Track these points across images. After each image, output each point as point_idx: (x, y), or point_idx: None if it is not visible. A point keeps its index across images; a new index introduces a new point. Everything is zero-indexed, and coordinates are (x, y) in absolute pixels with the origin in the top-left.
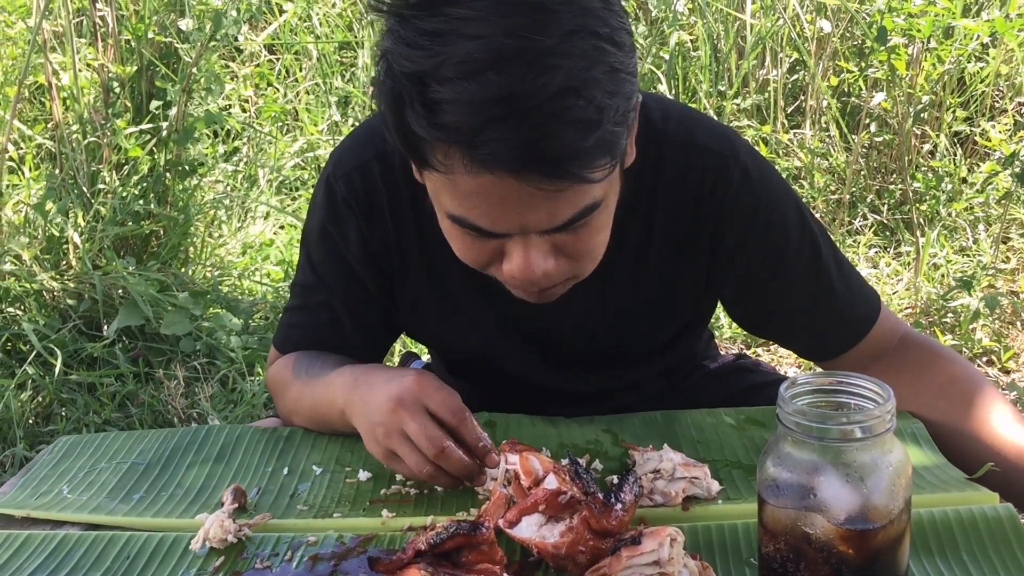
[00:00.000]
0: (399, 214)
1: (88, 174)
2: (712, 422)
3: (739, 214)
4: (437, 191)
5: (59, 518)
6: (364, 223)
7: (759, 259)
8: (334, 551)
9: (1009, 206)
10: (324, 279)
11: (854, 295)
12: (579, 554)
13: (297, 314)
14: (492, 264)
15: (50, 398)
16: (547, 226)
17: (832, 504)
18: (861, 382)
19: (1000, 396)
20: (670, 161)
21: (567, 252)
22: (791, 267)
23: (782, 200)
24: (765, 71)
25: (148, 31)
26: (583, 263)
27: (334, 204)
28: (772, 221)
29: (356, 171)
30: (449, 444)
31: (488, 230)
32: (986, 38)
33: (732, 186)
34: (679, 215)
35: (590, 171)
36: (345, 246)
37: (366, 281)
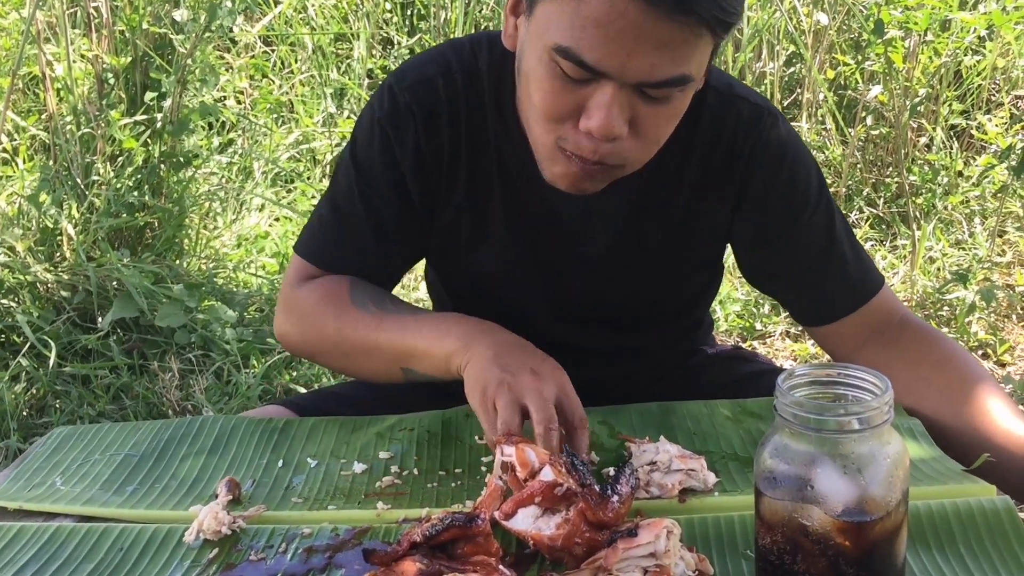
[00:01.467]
0: (458, 131)
1: (82, 165)
2: (708, 413)
3: (768, 161)
4: (549, 23)
5: (52, 510)
6: (423, 132)
7: (779, 209)
8: (329, 543)
9: (1005, 199)
10: (372, 183)
11: (861, 264)
12: (575, 546)
13: (334, 219)
14: (563, 123)
15: (44, 390)
16: (645, 77)
17: (829, 496)
18: (859, 373)
19: (996, 386)
20: (710, 103)
21: (639, 128)
22: (807, 224)
23: (807, 161)
24: (762, 64)
25: (143, 22)
26: (644, 150)
27: (395, 108)
28: (796, 175)
29: (421, 83)
30: (557, 428)
31: (592, 65)
32: (983, 31)
33: (764, 133)
34: (713, 154)
35: (713, 23)
36: (400, 149)
37: (411, 188)
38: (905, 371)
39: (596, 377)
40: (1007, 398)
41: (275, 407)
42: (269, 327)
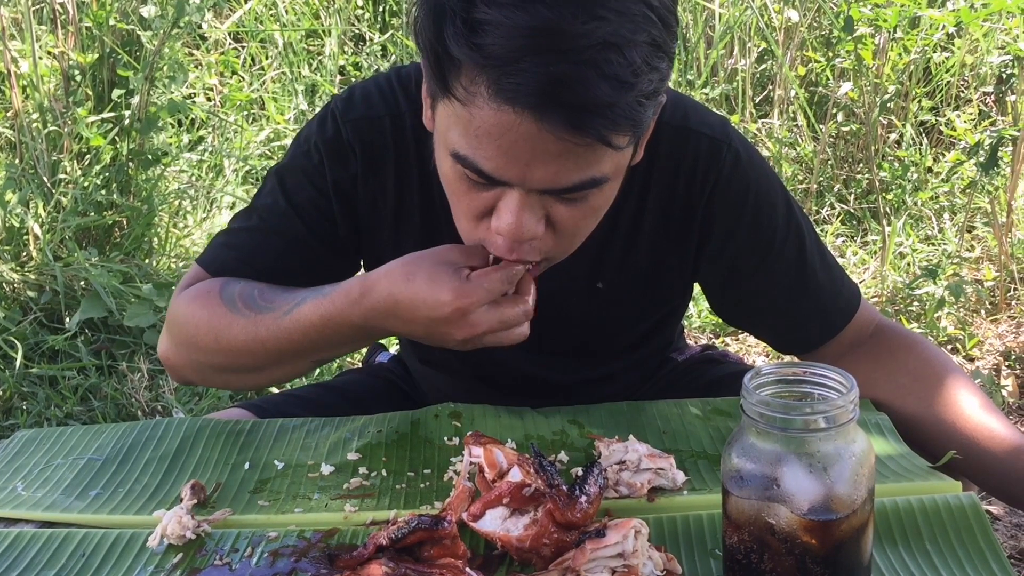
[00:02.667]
0: (405, 173)
1: (49, 164)
2: (678, 413)
3: (730, 199)
4: (448, 126)
5: (13, 516)
6: (362, 171)
7: (747, 247)
8: (295, 547)
9: (973, 195)
10: (297, 209)
11: (836, 287)
12: (543, 547)
13: (245, 235)
14: (482, 221)
15: (10, 392)
16: (549, 185)
17: (795, 494)
18: (824, 372)
19: (970, 382)
20: (665, 144)
21: (556, 225)
22: (777, 257)
23: (771, 189)
24: (733, 61)
25: (109, 18)
26: (564, 244)
27: (337, 139)
28: (761, 209)
29: (365, 121)
30: (508, 266)
31: (490, 175)
32: (951, 28)
33: (724, 170)
34: (672, 197)
35: (612, 133)
36: (335, 186)
37: (339, 223)
38: (885, 381)
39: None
40: (980, 393)
41: (238, 410)
42: None
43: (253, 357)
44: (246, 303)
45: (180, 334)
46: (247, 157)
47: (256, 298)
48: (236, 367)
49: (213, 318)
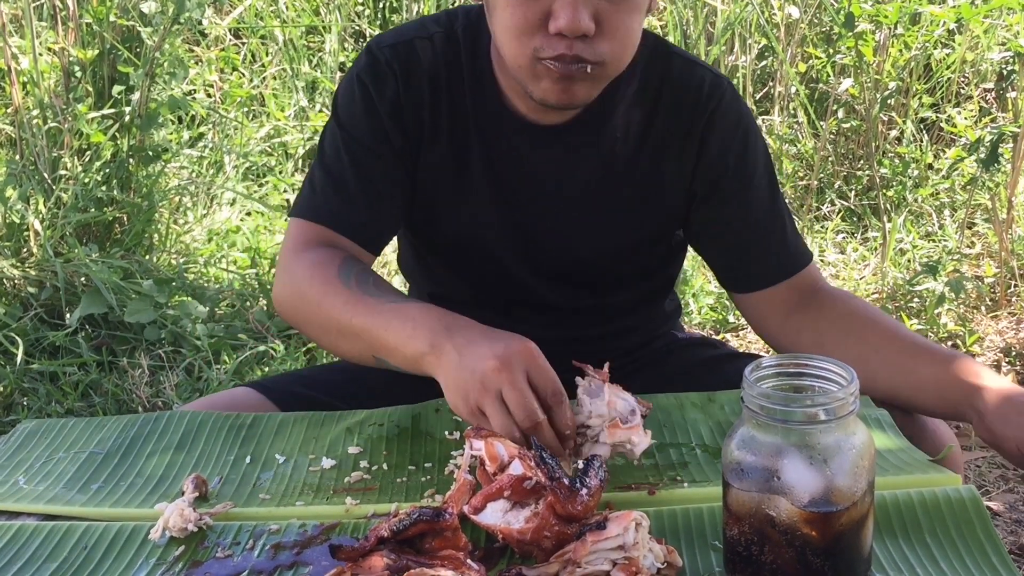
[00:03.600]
0: (437, 88)
1: (49, 160)
2: (678, 405)
3: (726, 125)
4: None
5: (15, 508)
6: (402, 86)
7: (732, 172)
8: (296, 539)
9: (974, 192)
10: (356, 135)
11: (797, 236)
12: (544, 539)
13: (323, 176)
14: (535, 34)
15: (11, 388)
16: None
17: (796, 486)
18: (825, 364)
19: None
20: (677, 70)
21: (604, 25)
22: (754, 189)
23: (757, 131)
24: (734, 57)
25: (110, 14)
26: (614, 47)
27: (375, 64)
28: (749, 141)
29: (401, 43)
30: (543, 421)
31: None
32: (952, 25)
33: (724, 100)
34: (678, 115)
35: None
36: (380, 100)
37: (392, 137)
38: (833, 342)
39: (569, 336)
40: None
41: (243, 389)
42: (240, 322)
43: (339, 325)
44: (361, 282)
45: (295, 290)
46: (247, 153)
47: (370, 284)
48: (319, 327)
49: (326, 282)
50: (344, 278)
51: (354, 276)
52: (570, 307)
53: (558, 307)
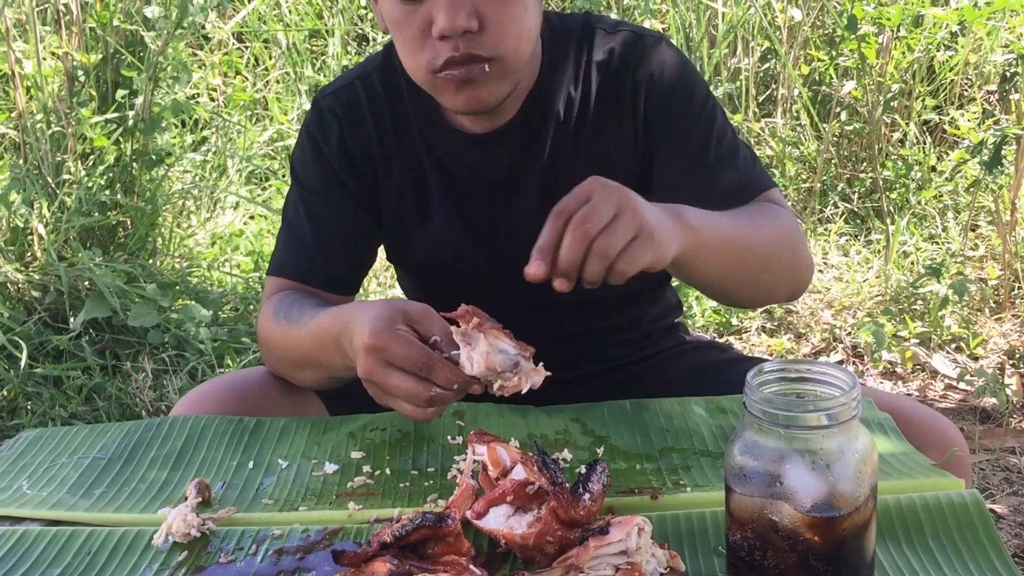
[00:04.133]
0: (381, 121)
1: (53, 164)
2: (681, 411)
3: (653, 78)
4: None
5: (18, 514)
6: (347, 129)
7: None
8: (299, 544)
9: (977, 194)
10: (310, 188)
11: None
12: (547, 545)
13: (286, 232)
14: (425, 44)
15: (15, 392)
16: None
17: (798, 492)
18: (827, 369)
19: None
20: (598, 44)
21: (486, 16)
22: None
23: (691, 72)
24: (737, 60)
25: (113, 19)
26: (501, 32)
27: (320, 114)
28: (680, 88)
29: (342, 89)
30: (434, 392)
31: None
32: (955, 27)
33: (647, 51)
34: (608, 85)
35: None
36: (328, 148)
37: (345, 180)
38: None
39: (570, 334)
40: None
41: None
42: (244, 326)
43: (289, 362)
44: (287, 316)
45: (261, 343)
46: (250, 157)
47: (295, 313)
48: (285, 368)
49: (267, 331)
50: (277, 318)
51: (283, 312)
52: (561, 305)
53: (549, 306)
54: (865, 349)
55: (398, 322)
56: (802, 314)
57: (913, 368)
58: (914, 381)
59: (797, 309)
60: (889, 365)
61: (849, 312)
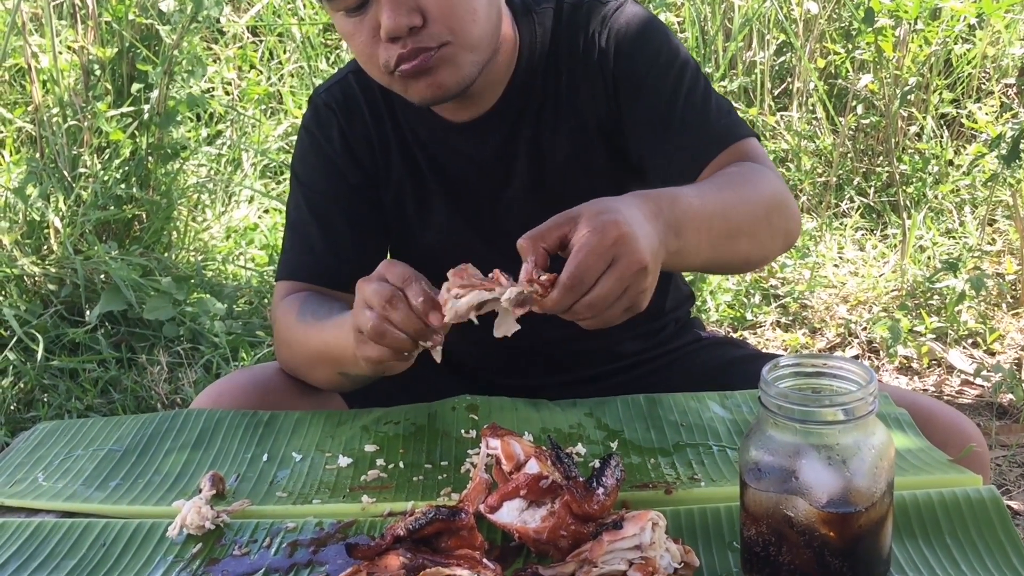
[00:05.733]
0: (376, 110)
1: (69, 158)
2: (695, 405)
3: (617, 34)
4: None
5: (34, 506)
6: (345, 121)
7: (638, 63)
8: (313, 537)
9: (995, 188)
10: (313, 188)
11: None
12: (561, 539)
13: (292, 234)
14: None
15: (32, 384)
16: None
17: (814, 487)
18: (843, 364)
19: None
20: (567, 17)
21: (427, 8)
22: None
23: (657, 28)
24: (752, 53)
25: (129, 13)
26: (447, 22)
27: (317, 111)
28: (645, 38)
29: (336, 84)
30: (396, 294)
31: None
32: (973, 19)
33: (610, 14)
34: (577, 57)
35: None
36: (328, 144)
37: (349, 176)
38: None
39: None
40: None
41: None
42: (258, 319)
43: (307, 358)
44: (314, 314)
45: (280, 343)
46: (265, 151)
47: (323, 311)
48: (302, 366)
49: (288, 329)
50: (302, 316)
51: (309, 311)
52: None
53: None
54: (881, 344)
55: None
56: (817, 309)
57: (929, 363)
58: (930, 376)
59: (812, 304)
60: (905, 360)
61: (865, 307)
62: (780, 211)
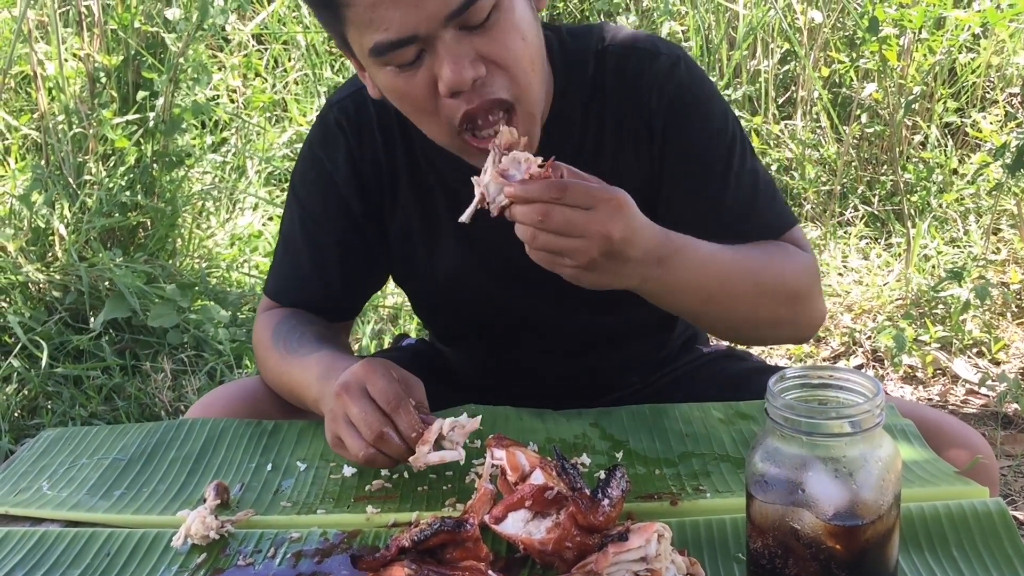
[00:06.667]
0: (389, 133)
1: (74, 165)
2: (700, 416)
3: (670, 98)
4: (355, 41)
5: (38, 515)
6: (354, 142)
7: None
8: (318, 547)
9: (999, 197)
10: (310, 211)
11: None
12: (566, 550)
13: (282, 252)
14: (434, 101)
15: (36, 391)
16: (446, 9)
17: (820, 499)
18: (850, 376)
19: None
20: (613, 66)
21: (490, 58)
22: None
23: (708, 96)
24: (756, 62)
25: (134, 20)
26: (510, 72)
27: (325, 129)
28: (697, 111)
29: (348, 98)
30: (387, 431)
31: (401, 38)
32: (977, 29)
33: (660, 76)
34: (624, 111)
35: None
36: (334, 168)
37: (352, 206)
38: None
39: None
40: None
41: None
42: None
43: (276, 385)
44: (285, 343)
45: (255, 353)
46: (270, 158)
47: (293, 341)
48: (276, 390)
49: (263, 349)
50: (275, 340)
51: (282, 337)
52: (574, 336)
53: (564, 331)
54: (885, 353)
55: (391, 368)
56: None
57: (934, 373)
58: (935, 386)
59: None
60: (910, 369)
61: (869, 316)
62: (794, 300)
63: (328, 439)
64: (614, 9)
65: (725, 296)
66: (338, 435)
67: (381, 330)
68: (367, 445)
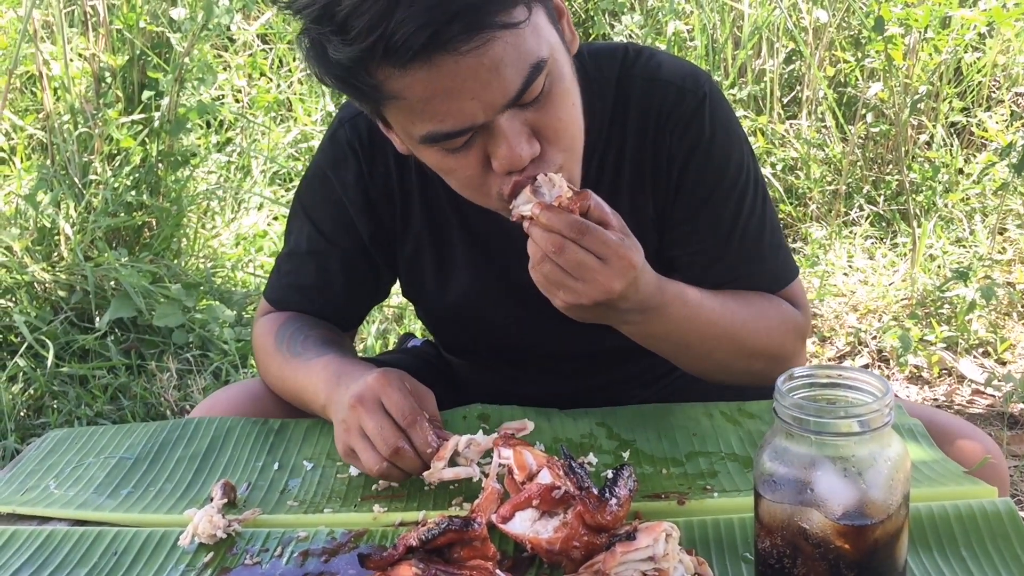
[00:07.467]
0: (402, 157)
1: (80, 165)
2: (707, 415)
3: (687, 146)
4: (405, 126)
5: (45, 514)
6: (366, 165)
7: (692, 185)
8: (325, 547)
9: (1005, 197)
10: (318, 226)
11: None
12: (573, 550)
13: (286, 263)
14: (486, 179)
15: (42, 391)
16: (504, 98)
17: (829, 499)
18: (858, 375)
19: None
20: (635, 96)
21: (544, 133)
22: (716, 204)
23: (732, 140)
24: (761, 61)
25: (139, 20)
26: (563, 143)
27: (336, 148)
28: (713, 153)
29: (360, 116)
30: (403, 446)
31: (460, 128)
32: (983, 28)
33: (684, 120)
34: (645, 146)
35: (503, 13)
36: (343, 190)
37: (360, 228)
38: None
39: (594, 384)
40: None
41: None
42: None
43: (279, 389)
44: (289, 346)
45: (256, 356)
46: (274, 158)
47: (297, 345)
48: (280, 394)
49: (265, 352)
50: (278, 343)
51: (285, 340)
52: (581, 357)
53: (568, 358)
54: (891, 353)
55: (405, 380)
56: (827, 317)
57: (940, 373)
58: (940, 386)
59: (822, 312)
60: (915, 369)
61: (875, 315)
62: (773, 359)
63: (339, 449)
64: (619, 8)
65: (701, 346)
66: (351, 447)
67: (386, 330)
68: (382, 459)
